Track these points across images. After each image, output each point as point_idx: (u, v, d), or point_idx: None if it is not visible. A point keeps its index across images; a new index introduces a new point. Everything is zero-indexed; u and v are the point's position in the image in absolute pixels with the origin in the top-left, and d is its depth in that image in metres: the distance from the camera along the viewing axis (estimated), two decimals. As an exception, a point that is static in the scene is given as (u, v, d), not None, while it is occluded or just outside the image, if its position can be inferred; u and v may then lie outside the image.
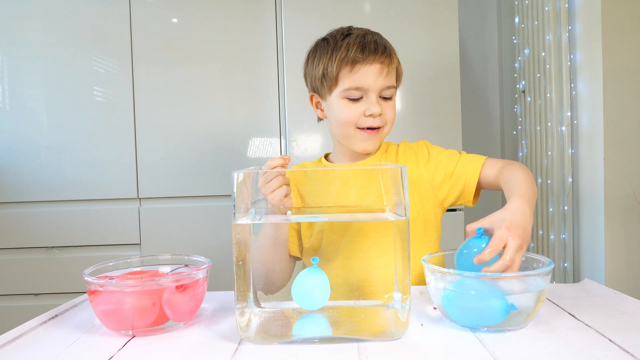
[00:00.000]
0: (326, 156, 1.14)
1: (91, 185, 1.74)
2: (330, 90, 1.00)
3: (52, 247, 1.75)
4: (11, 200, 1.74)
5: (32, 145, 1.73)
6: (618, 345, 0.60)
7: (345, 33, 1.01)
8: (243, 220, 0.67)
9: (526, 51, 1.96)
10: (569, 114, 1.73)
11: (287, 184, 0.79)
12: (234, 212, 0.67)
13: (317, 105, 1.07)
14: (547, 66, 1.79)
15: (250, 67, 1.75)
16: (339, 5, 1.71)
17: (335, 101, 1.00)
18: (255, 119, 1.76)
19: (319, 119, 1.10)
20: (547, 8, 1.77)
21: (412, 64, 1.71)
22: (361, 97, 0.98)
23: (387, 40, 1.04)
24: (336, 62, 0.97)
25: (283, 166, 0.83)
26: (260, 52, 1.75)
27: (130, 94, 1.74)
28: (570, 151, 1.74)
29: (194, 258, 0.80)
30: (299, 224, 0.93)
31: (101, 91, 1.74)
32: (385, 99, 1.01)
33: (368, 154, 1.07)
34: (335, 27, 1.05)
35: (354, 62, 0.96)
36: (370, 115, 0.98)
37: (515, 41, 2.09)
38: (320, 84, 1.02)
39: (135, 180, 1.75)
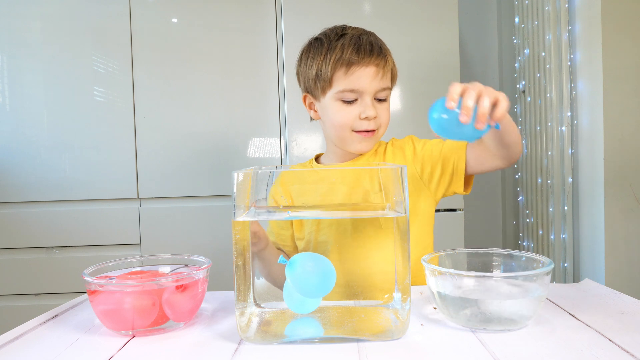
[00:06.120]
0: (317, 157, 1.12)
1: (91, 185, 1.74)
2: (324, 91, 0.98)
3: (52, 247, 1.75)
4: (11, 200, 1.74)
5: (32, 145, 1.73)
6: (618, 345, 0.60)
7: (340, 33, 0.99)
8: (243, 217, 0.67)
9: (526, 51, 1.96)
10: (569, 114, 1.73)
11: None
12: (234, 212, 0.67)
13: (311, 106, 1.05)
14: (547, 66, 1.79)
15: (250, 67, 1.75)
16: (339, 5, 1.71)
17: (329, 103, 0.98)
18: (255, 119, 1.76)
19: (312, 119, 1.09)
20: (547, 8, 1.77)
21: (412, 64, 1.71)
22: (356, 100, 0.97)
23: (382, 41, 1.02)
24: (331, 63, 0.95)
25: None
26: (260, 52, 1.75)
27: (130, 94, 1.74)
28: (570, 151, 1.74)
29: (194, 258, 0.80)
30: (292, 227, 0.93)
31: (101, 91, 1.74)
32: (380, 100, 0.99)
33: (361, 154, 1.06)
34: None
35: (349, 64, 0.94)
36: (365, 118, 0.97)
37: (515, 41, 2.09)
38: (313, 85, 1.00)
39: (135, 180, 1.75)
